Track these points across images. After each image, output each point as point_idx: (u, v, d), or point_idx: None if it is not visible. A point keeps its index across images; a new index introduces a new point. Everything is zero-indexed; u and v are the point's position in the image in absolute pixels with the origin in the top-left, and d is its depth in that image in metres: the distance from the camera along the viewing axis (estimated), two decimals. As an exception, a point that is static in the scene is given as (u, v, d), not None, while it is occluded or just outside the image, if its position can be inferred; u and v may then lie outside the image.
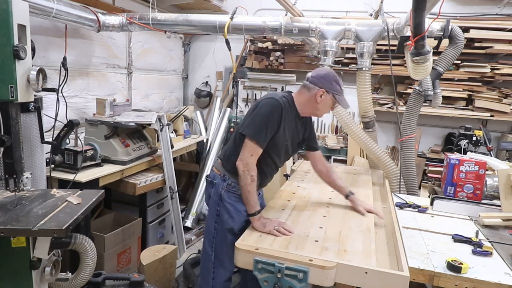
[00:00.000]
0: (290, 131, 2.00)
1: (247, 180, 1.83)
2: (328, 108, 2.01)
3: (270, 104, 1.87)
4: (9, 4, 1.41)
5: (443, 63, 2.82)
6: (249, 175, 1.83)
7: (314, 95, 1.94)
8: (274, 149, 1.95)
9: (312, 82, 1.96)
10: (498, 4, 4.06)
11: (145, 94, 4.28)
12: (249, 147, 1.84)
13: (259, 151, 1.85)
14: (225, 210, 1.98)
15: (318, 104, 1.95)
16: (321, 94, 1.92)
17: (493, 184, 2.46)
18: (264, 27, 3.01)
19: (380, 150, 2.96)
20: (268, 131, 1.84)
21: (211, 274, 2.02)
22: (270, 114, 1.85)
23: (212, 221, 2.01)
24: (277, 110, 1.86)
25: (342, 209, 2.10)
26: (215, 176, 2.04)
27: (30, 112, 1.83)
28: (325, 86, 1.93)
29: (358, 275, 1.40)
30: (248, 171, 1.83)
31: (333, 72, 2.01)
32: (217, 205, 2.00)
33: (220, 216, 1.99)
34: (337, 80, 1.96)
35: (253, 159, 1.84)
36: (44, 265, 1.52)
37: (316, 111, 2.03)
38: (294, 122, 2.01)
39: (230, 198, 1.98)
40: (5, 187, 1.59)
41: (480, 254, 1.65)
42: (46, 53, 2.86)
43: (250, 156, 1.83)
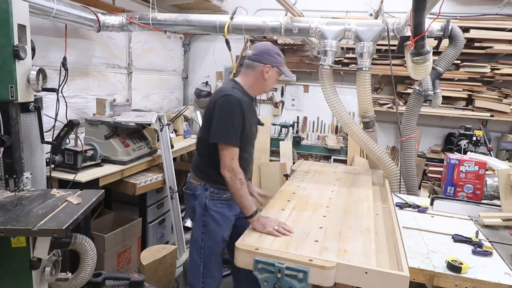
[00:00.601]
0: (252, 118, 1.99)
1: (237, 185, 1.80)
2: (274, 82, 2.03)
3: (228, 102, 1.82)
4: (9, 4, 1.41)
5: (443, 63, 2.81)
6: (237, 180, 1.80)
7: (260, 72, 1.93)
8: (246, 142, 1.95)
9: (255, 60, 1.94)
10: (498, 4, 4.05)
11: (145, 94, 4.28)
12: (227, 153, 1.81)
13: (236, 151, 1.84)
14: (211, 219, 1.95)
15: (266, 80, 1.96)
16: (267, 70, 1.93)
17: (493, 184, 2.46)
18: (264, 27, 3.00)
19: (380, 150, 2.96)
20: (236, 129, 1.82)
21: (200, 283, 1.99)
22: (232, 113, 1.81)
23: (199, 232, 1.97)
24: (237, 106, 1.82)
25: (342, 209, 2.10)
26: (195, 187, 1.99)
27: (30, 112, 1.84)
28: (270, 61, 1.93)
29: (358, 275, 1.40)
30: (235, 176, 1.80)
31: (272, 45, 2.00)
32: (202, 216, 1.95)
33: (207, 226, 1.96)
34: (278, 52, 1.96)
35: (235, 162, 1.82)
36: (44, 265, 1.52)
37: (264, 88, 2.04)
38: (251, 106, 2.02)
39: (215, 206, 1.95)
40: (5, 187, 1.59)
41: (480, 254, 1.65)
42: (46, 53, 2.86)
43: (232, 161, 1.81)
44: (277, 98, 4.92)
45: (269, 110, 4.98)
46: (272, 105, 4.94)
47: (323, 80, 2.88)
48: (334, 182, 2.69)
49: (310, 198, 2.27)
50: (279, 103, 4.90)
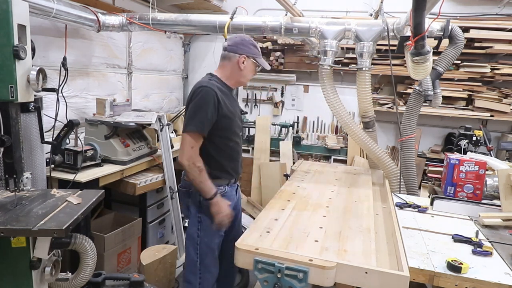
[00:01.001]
0: (233, 106, 2.02)
1: (195, 173, 1.84)
2: (251, 73, 2.04)
3: (203, 93, 1.86)
4: (9, 4, 1.41)
5: (443, 63, 2.81)
6: (195, 168, 1.83)
7: (236, 63, 1.96)
8: (229, 130, 1.98)
9: (231, 51, 1.96)
10: (498, 4, 4.05)
11: (145, 94, 4.28)
12: (187, 141, 1.84)
13: (200, 139, 1.86)
14: (206, 216, 1.96)
15: (242, 71, 1.99)
16: (243, 61, 1.96)
17: (493, 184, 2.46)
18: (264, 27, 3.01)
19: (380, 150, 2.96)
20: (207, 117, 1.83)
21: (197, 279, 2.02)
22: (203, 102, 1.84)
23: (195, 228, 2.00)
24: (209, 95, 1.85)
25: (342, 209, 2.10)
26: (189, 185, 1.98)
27: (30, 112, 1.84)
28: (245, 52, 1.96)
29: (358, 275, 1.40)
30: (193, 163, 1.83)
31: (247, 36, 2.04)
32: (197, 212, 1.98)
33: (202, 222, 1.98)
34: (254, 43, 1.99)
35: (194, 150, 1.85)
36: (44, 265, 1.52)
37: (241, 79, 2.05)
38: (230, 96, 2.06)
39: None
40: (5, 187, 1.59)
41: (480, 254, 1.65)
42: (46, 53, 2.86)
43: (191, 149, 1.84)
44: (277, 98, 4.92)
45: (269, 110, 4.98)
46: (272, 105, 4.95)
47: (323, 80, 2.88)
48: (334, 182, 2.69)
49: (310, 198, 2.27)
50: (279, 103, 4.90)
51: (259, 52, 2.01)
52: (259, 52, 2.01)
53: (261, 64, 2.02)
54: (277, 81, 4.86)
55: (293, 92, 4.89)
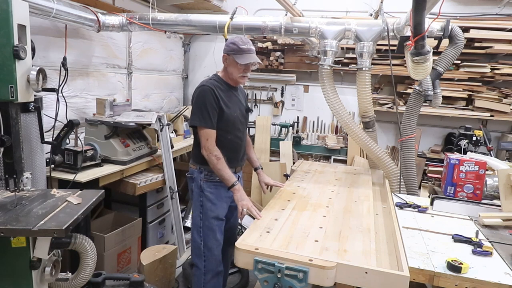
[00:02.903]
0: (233, 103, 2.19)
1: (213, 161, 2.04)
2: (236, 70, 2.13)
3: (201, 91, 2.07)
4: (9, 4, 1.42)
5: (443, 63, 2.81)
6: (213, 156, 2.04)
7: (223, 62, 2.16)
8: (229, 124, 2.14)
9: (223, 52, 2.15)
10: (498, 4, 4.05)
11: (145, 94, 4.28)
12: (202, 134, 2.06)
13: (212, 132, 2.07)
14: (207, 199, 2.16)
15: (227, 67, 2.16)
16: (225, 59, 2.14)
17: (493, 184, 2.46)
18: (264, 27, 3.00)
19: (380, 150, 2.96)
20: (210, 113, 2.04)
21: (202, 262, 2.18)
22: (204, 99, 2.05)
23: (197, 212, 2.19)
24: (208, 92, 2.05)
25: (342, 209, 2.10)
26: (193, 171, 2.22)
27: (30, 112, 1.83)
28: (225, 51, 2.13)
29: (358, 275, 1.40)
30: (211, 153, 2.04)
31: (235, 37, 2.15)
32: (199, 196, 2.17)
33: (203, 206, 2.17)
34: (234, 41, 2.10)
35: (210, 142, 2.05)
36: (44, 265, 1.52)
37: (232, 76, 2.18)
38: (232, 94, 2.21)
39: (209, 187, 2.17)
40: (5, 187, 1.59)
41: (480, 254, 1.65)
42: (46, 53, 2.86)
43: (207, 141, 2.05)
44: (277, 98, 4.92)
45: (269, 110, 4.98)
46: (272, 105, 4.95)
47: (323, 80, 2.88)
48: (334, 182, 2.69)
49: (310, 198, 2.27)
50: (279, 103, 4.90)
51: (238, 49, 2.09)
52: (238, 49, 2.09)
53: (235, 60, 2.09)
54: (277, 81, 4.86)
55: (293, 92, 4.89)
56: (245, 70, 2.16)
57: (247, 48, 2.12)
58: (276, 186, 2.51)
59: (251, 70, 2.21)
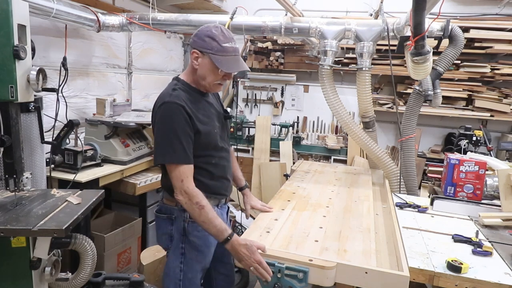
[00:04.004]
0: (209, 116, 1.64)
1: (195, 211, 1.49)
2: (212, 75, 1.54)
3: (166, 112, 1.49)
4: (9, 4, 1.41)
5: (443, 63, 2.81)
6: (194, 205, 1.48)
7: (191, 60, 1.54)
8: (209, 147, 1.64)
9: (190, 45, 1.54)
10: (498, 4, 4.05)
11: (145, 94, 4.28)
12: (175, 174, 1.49)
13: (189, 169, 1.51)
14: (191, 247, 1.66)
15: (198, 70, 1.54)
16: (195, 57, 1.51)
17: (493, 184, 2.46)
18: (264, 27, 3.00)
19: (380, 150, 2.96)
20: (183, 142, 1.49)
21: None
22: (172, 123, 1.47)
23: (177, 262, 1.67)
24: (177, 112, 1.48)
25: (342, 209, 2.10)
26: (171, 209, 1.68)
27: (30, 112, 1.84)
28: (197, 45, 1.50)
29: (358, 275, 1.40)
30: (190, 200, 1.49)
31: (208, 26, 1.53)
32: (180, 243, 1.66)
33: (185, 254, 1.66)
34: (212, 34, 1.48)
35: (187, 183, 1.49)
36: (44, 265, 1.52)
37: (201, 81, 1.57)
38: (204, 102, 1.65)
39: (197, 229, 1.64)
40: (5, 187, 1.59)
41: (480, 254, 1.65)
42: (46, 53, 2.86)
43: (182, 182, 1.49)
44: (277, 98, 4.92)
45: (269, 110, 4.98)
46: (272, 105, 4.95)
47: (323, 80, 2.88)
48: (334, 182, 2.69)
49: (310, 198, 2.27)
50: (279, 103, 4.90)
51: (221, 48, 1.49)
52: (221, 48, 1.49)
53: (216, 64, 1.49)
54: (277, 81, 4.86)
55: (293, 92, 4.89)
56: (225, 77, 1.57)
57: (232, 48, 1.52)
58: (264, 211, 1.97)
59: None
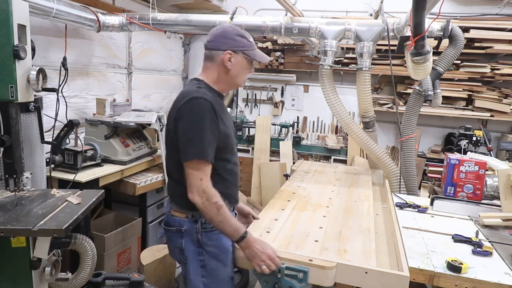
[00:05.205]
0: (228, 117, 1.67)
1: (212, 211, 1.44)
2: (246, 71, 1.63)
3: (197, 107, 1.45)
4: (9, 4, 1.41)
5: (443, 63, 2.81)
6: (212, 204, 1.44)
7: (221, 62, 1.57)
8: (227, 150, 1.61)
9: (212, 48, 1.59)
10: (498, 4, 4.05)
11: (145, 94, 4.28)
12: (195, 172, 1.45)
13: (208, 169, 1.48)
14: (210, 257, 1.58)
15: (231, 70, 1.57)
16: (229, 57, 1.56)
17: (493, 184, 2.46)
18: (264, 27, 3.01)
19: (380, 150, 2.96)
20: (210, 140, 1.46)
21: None
22: (202, 120, 1.45)
23: (198, 277, 1.59)
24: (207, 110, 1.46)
25: (342, 209, 2.10)
26: (180, 222, 1.58)
27: (30, 112, 1.84)
28: (230, 46, 1.56)
29: (358, 275, 1.40)
30: (208, 199, 1.44)
31: (231, 26, 1.63)
32: (198, 255, 1.58)
33: (206, 267, 1.58)
34: (240, 33, 1.59)
35: (205, 183, 1.45)
36: (44, 265, 1.52)
37: (234, 80, 1.62)
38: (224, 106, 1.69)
39: (211, 239, 1.58)
40: (5, 187, 1.59)
41: (480, 254, 1.65)
42: (46, 53, 2.86)
43: (201, 181, 1.44)
44: (277, 98, 4.92)
45: (269, 110, 4.98)
46: (272, 105, 4.94)
47: (323, 80, 2.88)
48: (334, 182, 2.69)
49: (310, 198, 2.27)
50: (279, 103, 4.90)
51: (250, 43, 1.60)
52: (250, 43, 1.60)
53: (254, 57, 1.59)
54: (277, 81, 4.86)
55: (293, 92, 4.89)
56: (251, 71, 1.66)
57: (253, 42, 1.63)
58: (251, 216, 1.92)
59: None
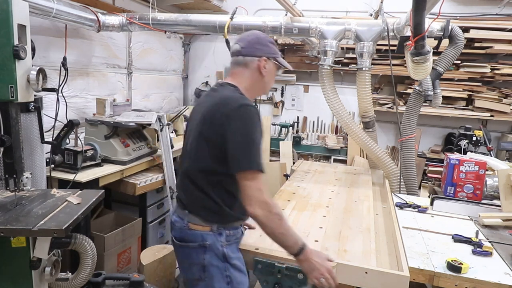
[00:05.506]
0: None
1: (274, 223, 1.36)
2: (274, 78, 1.65)
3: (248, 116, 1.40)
4: (9, 4, 1.41)
5: (443, 63, 2.82)
6: (274, 216, 1.36)
7: (256, 68, 1.55)
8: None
9: (247, 54, 1.55)
10: (498, 4, 4.05)
11: (145, 94, 4.28)
12: (254, 184, 1.36)
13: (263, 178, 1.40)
14: (236, 270, 1.50)
15: (265, 77, 1.57)
16: (264, 64, 1.55)
17: (493, 184, 2.46)
18: (264, 27, 3.00)
19: (380, 150, 2.96)
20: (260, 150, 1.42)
21: None
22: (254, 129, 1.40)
23: None
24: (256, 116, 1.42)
25: (342, 209, 2.10)
26: (202, 236, 1.46)
27: (30, 112, 1.83)
28: (265, 52, 1.56)
29: (358, 275, 1.40)
30: (270, 212, 1.35)
31: (262, 33, 1.65)
32: (224, 271, 1.48)
33: (232, 282, 1.49)
34: (271, 40, 1.61)
35: (265, 194, 1.37)
36: (44, 265, 1.52)
37: (265, 87, 1.63)
38: None
39: (234, 251, 1.51)
40: (5, 187, 1.59)
41: (480, 254, 1.65)
42: (46, 53, 2.85)
43: (261, 192, 1.36)
44: (277, 98, 4.92)
45: (269, 110, 4.98)
46: (272, 105, 4.95)
47: (323, 80, 2.88)
48: (334, 182, 2.69)
49: (310, 198, 2.27)
50: (279, 103, 4.90)
51: (278, 50, 1.62)
52: (278, 50, 1.62)
53: (284, 65, 1.61)
54: (277, 81, 4.86)
55: (293, 92, 4.89)
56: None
57: None
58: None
59: None
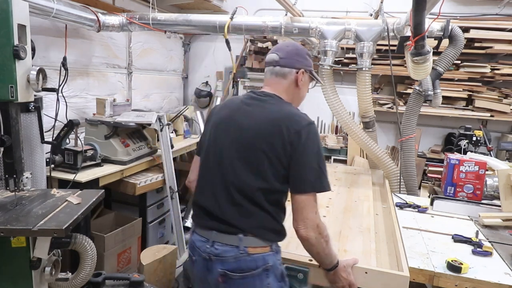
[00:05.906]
0: None
1: (322, 245, 1.36)
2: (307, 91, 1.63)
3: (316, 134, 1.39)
4: (9, 4, 1.41)
5: (443, 63, 2.82)
6: (323, 238, 1.36)
7: (294, 80, 1.52)
8: None
9: (285, 65, 1.51)
10: (498, 4, 4.05)
11: (145, 94, 4.28)
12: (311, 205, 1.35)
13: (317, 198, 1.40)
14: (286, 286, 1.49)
15: (301, 89, 1.55)
16: (301, 77, 1.52)
17: (493, 184, 2.46)
18: (264, 27, 3.00)
19: (380, 150, 2.96)
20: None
21: None
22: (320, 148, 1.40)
23: None
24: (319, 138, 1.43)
25: (342, 209, 2.10)
26: (265, 258, 1.38)
27: (30, 112, 1.83)
28: (303, 65, 1.53)
29: (358, 275, 1.40)
30: (320, 233, 1.35)
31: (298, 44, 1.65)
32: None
33: None
34: (308, 52, 1.58)
35: (319, 215, 1.37)
36: (44, 265, 1.51)
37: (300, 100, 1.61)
38: None
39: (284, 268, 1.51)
40: (5, 187, 1.59)
41: (480, 254, 1.65)
42: (46, 53, 2.86)
43: (316, 214, 1.35)
44: (277, 98, 4.91)
45: (269, 110, 4.97)
46: (272, 105, 4.94)
47: (323, 80, 2.88)
48: (334, 182, 2.69)
49: (310, 198, 2.27)
50: (279, 103, 4.90)
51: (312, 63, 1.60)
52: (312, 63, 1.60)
53: (317, 78, 1.59)
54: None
55: (293, 92, 4.88)
56: None
57: None
58: None
59: None
